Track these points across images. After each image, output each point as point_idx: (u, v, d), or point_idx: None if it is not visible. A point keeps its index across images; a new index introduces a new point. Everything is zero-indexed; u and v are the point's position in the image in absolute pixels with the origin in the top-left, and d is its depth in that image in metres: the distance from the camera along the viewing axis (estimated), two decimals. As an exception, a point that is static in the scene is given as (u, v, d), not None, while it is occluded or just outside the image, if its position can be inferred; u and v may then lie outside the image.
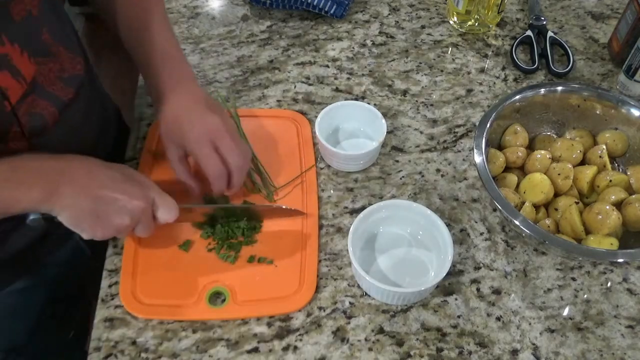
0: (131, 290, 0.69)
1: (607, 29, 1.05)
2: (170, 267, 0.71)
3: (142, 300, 0.68)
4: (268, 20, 1.04)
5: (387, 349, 0.66)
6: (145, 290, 0.69)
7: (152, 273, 0.71)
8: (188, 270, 0.71)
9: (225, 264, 0.72)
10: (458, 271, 0.73)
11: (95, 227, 0.62)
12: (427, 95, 0.93)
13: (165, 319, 0.67)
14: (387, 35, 1.03)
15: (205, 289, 0.69)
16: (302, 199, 0.78)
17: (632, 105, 0.81)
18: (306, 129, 0.87)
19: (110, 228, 0.63)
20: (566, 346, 0.68)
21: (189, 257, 0.72)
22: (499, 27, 1.05)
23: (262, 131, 0.86)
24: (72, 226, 0.62)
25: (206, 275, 0.71)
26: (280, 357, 0.65)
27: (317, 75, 0.95)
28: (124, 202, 0.62)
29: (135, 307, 0.67)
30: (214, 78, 0.94)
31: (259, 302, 0.69)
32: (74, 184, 0.60)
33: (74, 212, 0.61)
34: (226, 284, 0.70)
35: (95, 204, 0.61)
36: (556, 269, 0.74)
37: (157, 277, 0.70)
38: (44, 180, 0.60)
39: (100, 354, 0.65)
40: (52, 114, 0.68)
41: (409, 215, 0.74)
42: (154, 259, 0.72)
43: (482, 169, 0.73)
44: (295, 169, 0.82)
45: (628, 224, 0.75)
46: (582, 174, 0.78)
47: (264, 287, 0.70)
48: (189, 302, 0.68)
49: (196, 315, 0.68)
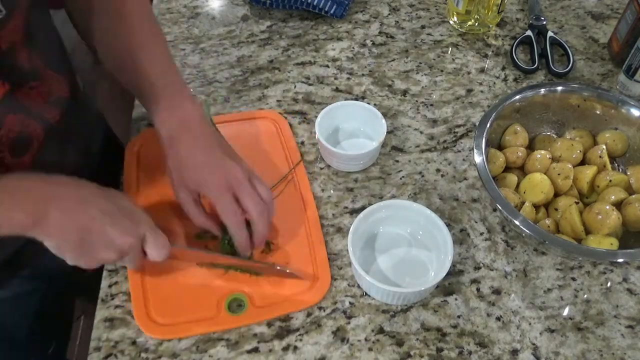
0: (146, 313, 0.67)
1: (607, 29, 1.05)
2: (182, 283, 0.70)
3: (159, 321, 0.66)
4: (268, 20, 1.04)
5: (387, 349, 0.66)
6: (161, 310, 0.67)
7: (164, 291, 0.69)
8: (201, 283, 0.70)
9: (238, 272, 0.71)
10: (458, 271, 0.73)
11: (80, 258, 0.60)
12: (427, 95, 0.93)
13: (189, 335, 0.66)
14: (387, 35, 1.03)
15: (223, 298, 0.69)
16: (298, 196, 0.78)
17: (632, 105, 0.81)
18: (284, 126, 0.86)
19: (94, 260, 0.61)
20: (566, 346, 0.68)
21: (199, 270, 0.71)
22: (499, 27, 1.05)
23: (242, 135, 0.85)
24: (56, 252, 0.60)
25: (220, 284, 0.70)
26: (280, 357, 0.65)
27: (317, 75, 0.95)
28: (112, 236, 0.59)
29: (155, 329, 0.66)
30: (214, 78, 0.94)
31: (278, 302, 0.69)
32: (62, 211, 0.58)
33: (59, 241, 0.59)
34: (243, 290, 0.69)
35: (82, 235, 0.58)
36: (556, 269, 0.74)
37: (170, 294, 0.69)
38: (32, 204, 0.57)
39: (100, 354, 0.65)
40: (38, 136, 0.67)
41: (409, 215, 0.74)
42: (163, 277, 0.70)
43: (482, 169, 0.73)
44: (283, 167, 0.81)
45: (628, 224, 0.75)
46: (582, 174, 0.78)
47: (281, 286, 0.70)
48: (210, 314, 0.67)
49: (219, 326, 0.66)
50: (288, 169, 0.81)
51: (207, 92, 0.92)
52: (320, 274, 0.71)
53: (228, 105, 0.90)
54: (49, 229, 0.57)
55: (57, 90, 0.70)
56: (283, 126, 0.87)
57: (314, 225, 0.75)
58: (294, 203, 0.78)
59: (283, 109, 0.90)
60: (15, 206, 0.56)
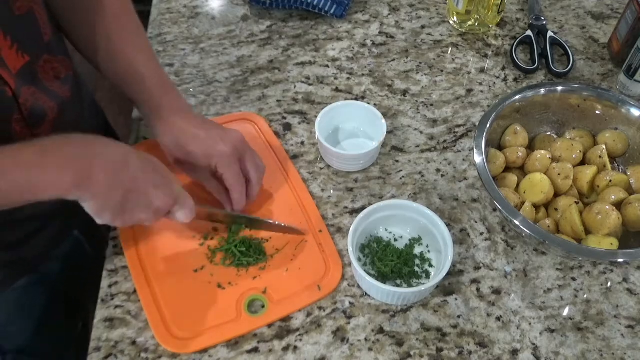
0: (167, 329, 0.65)
1: (607, 29, 1.05)
2: (196, 291, 0.69)
3: (179, 335, 0.65)
4: (268, 20, 1.04)
5: (387, 349, 0.66)
6: (179, 322, 0.66)
7: (179, 303, 0.68)
8: (215, 288, 0.69)
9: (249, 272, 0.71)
10: (458, 271, 0.73)
11: (117, 217, 0.61)
12: (427, 95, 0.93)
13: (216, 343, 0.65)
14: (387, 35, 1.03)
15: (241, 300, 0.68)
16: (294, 195, 0.78)
17: (632, 105, 0.81)
18: (263, 125, 0.86)
19: (131, 220, 0.62)
20: (566, 346, 0.68)
21: (211, 277, 0.70)
22: (499, 27, 1.05)
23: None
24: (94, 213, 0.60)
25: (235, 287, 0.69)
26: (280, 357, 0.65)
27: (317, 75, 0.95)
28: (152, 197, 0.61)
29: (175, 344, 0.64)
30: (214, 78, 0.94)
31: (295, 295, 0.69)
32: (107, 172, 0.58)
33: (102, 202, 0.59)
34: (259, 289, 0.69)
35: (125, 196, 0.59)
36: (556, 269, 0.74)
37: (186, 305, 0.68)
38: (78, 165, 0.57)
39: (100, 354, 0.65)
40: (52, 109, 0.68)
41: (409, 215, 0.74)
42: (175, 288, 0.69)
43: (482, 169, 0.73)
44: (274, 164, 0.81)
45: (628, 224, 0.75)
46: (582, 174, 0.78)
47: (295, 279, 0.70)
48: (230, 319, 0.67)
49: (242, 330, 0.66)
50: (277, 167, 0.81)
51: (207, 92, 0.92)
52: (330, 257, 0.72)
53: (228, 105, 0.90)
54: (94, 189, 0.57)
55: (65, 69, 0.71)
56: (262, 126, 0.86)
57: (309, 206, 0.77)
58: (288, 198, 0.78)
59: (283, 109, 0.90)
60: (61, 168, 0.56)
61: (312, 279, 0.70)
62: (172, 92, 0.73)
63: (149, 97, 0.72)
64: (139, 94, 0.72)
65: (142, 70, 0.72)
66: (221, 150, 0.69)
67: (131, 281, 0.70)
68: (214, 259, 0.72)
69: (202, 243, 0.73)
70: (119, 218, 0.61)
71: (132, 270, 0.70)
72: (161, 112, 0.71)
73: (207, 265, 0.71)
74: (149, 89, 0.72)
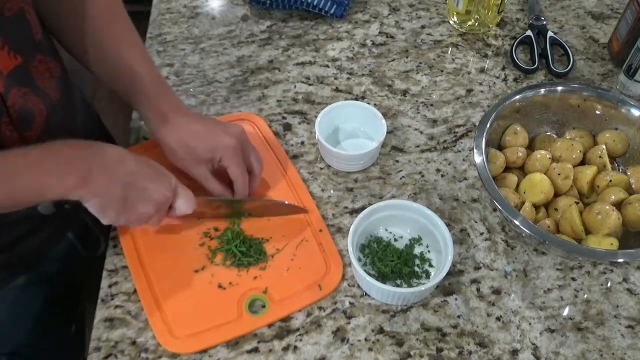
0: (167, 329, 0.65)
1: (607, 29, 1.05)
2: (196, 292, 0.69)
3: (179, 335, 0.65)
4: (268, 20, 1.04)
5: (387, 349, 0.66)
6: (179, 322, 0.66)
7: (179, 303, 0.68)
8: (216, 289, 0.69)
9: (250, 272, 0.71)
10: (458, 271, 0.73)
11: (120, 213, 0.63)
12: (427, 95, 0.93)
13: (217, 343, 0.65)
14: (387, 35, 1.03)
15: (242, 300, 0.68)
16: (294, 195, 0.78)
17: (632, 105, 0.81)
18: (262, 125, 0.86)
19: (134, 216, 0.64)
20: (566, 346, 0.68)
21: (212, 277, 0.70)
22: (499, 27, 1.05)
23: None
24: (98, 212, 0.63)
25: (236, 287, 0.69)
26: (280, 357, 0.65)
27: (317, 75, 0.95)
28: (151, 191, 0.64)
29: (175, 344, 0.64)
30: (214, 78, 0.94)
31: (296, 294, 0.69)
32: (104, 170, 0.61)
33: (104, 199, 0.61)
34: (260, 289, 0.69)
35: (125, 191, 0.62)
36: (556, 269, 0.74)
37: (186, 305, 0.68)
38: (78, 167, 0.60)
39: (100, 354, 0.65)
40: (41, 111, 0.68)
41: (409, 215, 0.74)
42: (175, 288, 0.69)
43: (482, 169, 0.74)
44: (274, 164, 0.81)
45: (628, 224, 0.75)
46: (582, 174, 0.78)
47: (295, 278, 0.70)
48: (231, 319, 0.67)
49: (243, 330, 0.66)
50: (277, 167, 0.81)
51: (207, 92, 0.92)
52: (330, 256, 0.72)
53: (228, 105, 0.90)
54: (95, 188, 0.60)
55: (56, 70, 0.71)
56: (261, 126, 0.86)
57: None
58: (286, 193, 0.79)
59: (283, 109, 0.90)
60: (63, 171, 0.59)
61: (313, 278, 0.70)
62: (169, 91, 0.74)
63: (146, 97, 0.72)
64: (136, 94, 0.72)
65: (138, 69, 0.72)
66: (226, 142, 0.71)
67: (131, 281, 0.70)
68: (214, 259, 0.72)
69: (203, 243, 0.73)
70: (122, 214, 0.63)
71: (132, 270, 0.70)
72: (163, 114, 0.71)
73: (207, 266, 0.71)
74: (147, 89, 0.72)
